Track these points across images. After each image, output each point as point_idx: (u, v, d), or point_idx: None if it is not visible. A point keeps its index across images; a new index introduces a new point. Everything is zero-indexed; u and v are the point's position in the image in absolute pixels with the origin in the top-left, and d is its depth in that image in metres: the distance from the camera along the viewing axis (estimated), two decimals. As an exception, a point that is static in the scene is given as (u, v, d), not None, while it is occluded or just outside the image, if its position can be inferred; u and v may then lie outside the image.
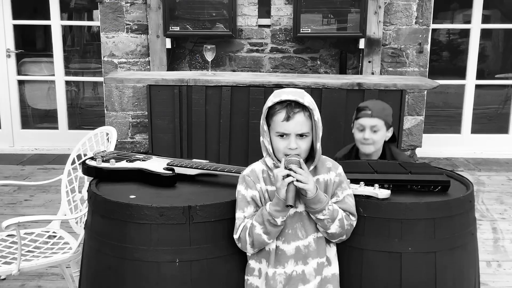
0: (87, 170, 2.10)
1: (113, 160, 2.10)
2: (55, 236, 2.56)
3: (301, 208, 1.74)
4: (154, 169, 2.03)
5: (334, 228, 1.72)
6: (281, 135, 1.72)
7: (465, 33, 5.74)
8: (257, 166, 1.80)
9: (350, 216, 1.77)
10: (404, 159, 2.59)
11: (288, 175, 1.64)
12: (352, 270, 1.82)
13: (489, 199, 4.29)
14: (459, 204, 1.86)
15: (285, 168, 1.67)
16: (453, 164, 5.16)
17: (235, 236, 1.75)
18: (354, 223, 1.78)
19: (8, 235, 2.48)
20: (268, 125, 1.75)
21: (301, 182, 1.64)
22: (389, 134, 2.60)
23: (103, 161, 2.11)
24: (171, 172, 2.03)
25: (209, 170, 2.06)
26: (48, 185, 2.83)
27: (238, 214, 1.75)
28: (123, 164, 2.08)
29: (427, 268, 1.79)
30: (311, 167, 1.74)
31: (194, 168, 2.07)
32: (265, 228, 1.68)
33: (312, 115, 1.71)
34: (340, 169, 1.82)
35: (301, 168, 1.67)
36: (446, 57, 6.25)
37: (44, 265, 2.30)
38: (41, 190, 4.30)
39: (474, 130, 5.67)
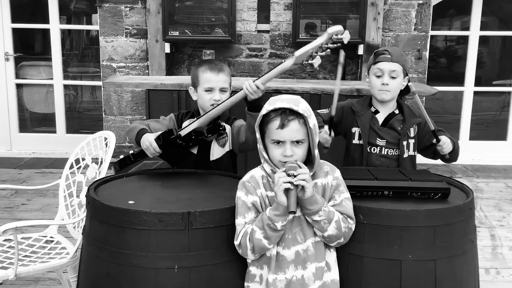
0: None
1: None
2: (52, 241, 2.54)
3: (299, 212, 1.74)
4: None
5: (331, 230, 1.72)
6: (277, 143, 1.72)
7: (463, 39, 5.76)
8: (256, 172, 1.80)
9: (348, 219, 1.76)
10: (422, 116, 2.46)
11: (288, 181, 1.64)
12: (351, 277, 1.82)
13: (487, 206, 4.29)
14: (459, 211, 1.85)
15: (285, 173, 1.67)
16: (451, 171, 5.16)
17: (236, 242, 1.74)
18: (353, 227, 1.78)
19: (5, 240, 2.46)
20: (264, 132, 1.75)
21: (302, 180, 1.64)
22: (404, 83, 2.48)
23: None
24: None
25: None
26: (46, 189, 2.81)
27: (239, 220, 1.74)
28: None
29: (427, 276, 1.78)
30: (310, 174, 1.73)
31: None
32: (266, 233, 1.68)
33: (307, 122, 1.70)
34: (337, 172, 1.82)
35: (300, 167, 1.67)
36: (444, 64, 6.27)
37: (41, 270, 2.28)
38: (39, 194, 4.28)
39: (472, 137, 5.68)
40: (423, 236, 1.78)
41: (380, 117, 2.50)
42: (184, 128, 2.35)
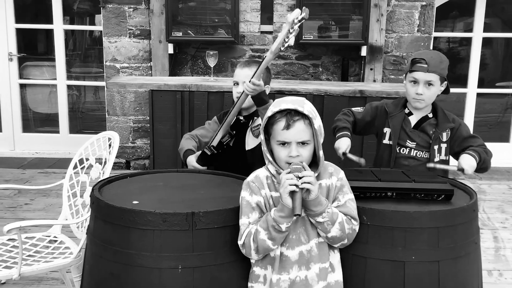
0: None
1: None
2: (56, 241, 2.55)
3: (303, 212, 1.74)
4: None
5: (334, 231, 1.72)
6: (282, 144, 1.72)
7: (466, 41, 5.75)
8: (261, 173, 1.80)
9: (352, 220, 1.76)
10: (456, 121, 2.48)
11: (294, 184, 1.64)
12: (355, 278, 1.82)
13: (490, 208, 4.29)
14: (463, 213, 1.85)
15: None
16: (453, 172, 5.15)
17: (240, 242, 1.74)
18: (357, 228, 1.78)
19: (9, 239, 2.47)
20: (269, 134, 1.76)
21: (307, 183, 1.65)
22: (442, 88, 2.45)
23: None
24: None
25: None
26: (49, 189, 2.81)
27: (243, 220, 1.75)
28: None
29: (431, 277, 1.78)
30: (315, 175, 1.74)
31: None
32: (270, 234, 1.68)
33: (312, 123, 1.71)
34: (341, 174, 1.83)
35: (305, 170, 1.68)
36: (446, 65, 6.25)
37: (45, 270, 2.29)
38: (42, 194, 4.29)
39: (475, 139, 5.67)
40: (426, 237, 1.78)
41: (413, 119, 2.49)
42: (213, 139, 2.62)
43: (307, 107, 1.71)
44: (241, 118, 2.68)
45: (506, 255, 3.46)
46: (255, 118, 2.64)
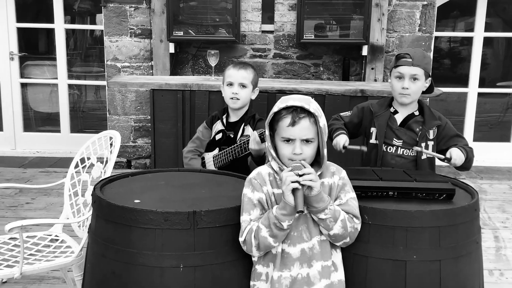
0: None
1: None
2: (57, 240, 2.55)
3: (305, 209, 1.74)
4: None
5: (336, 229, 1.72)
6: (287, 140, 1.73)
7: (467, 40, 5.76)
8: (263, 169, 1.81)
9: (354, 218, 1.77)
10: (442, 119, 2.53)
11: (296, 181, 1.65)
12: (356, 278, 1.82)
13: (491, 208, 4.29)
14: (464, 212, 1.85)
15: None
16: (455, 172, 5.15)
17: (241, 239, 1.75)
18: (359, 227, 1.78)
19: (10, 238, 2.47)
20: (274, 131, 1.77)
21: (308, 180, 1.65)
22: (427, 84, 2.49)
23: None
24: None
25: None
26: (50, 188, 2.82)
27: (244, 217, 1.75)
28: None
29: (432, 276, 1.78)
30: (318, 173, 1.74)
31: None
32: (271, 231, 1.69)
33: (317, 122, 1.72)
34: (343, 173, 1.83)
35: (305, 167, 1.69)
36: (447, 65, 6.26)
37: (47, 269, 2.29)
38: (43, 193, 4.29)
39: (476, 138, 5.67)
40: (428, 236, 1.78)
41: (399, 117, 2.51)
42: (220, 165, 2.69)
43: (313, 105, 1.73)
44: (229, 134, 2.71)
45: (507, 254, 3.46)
46: (244, 126, 2.68)
